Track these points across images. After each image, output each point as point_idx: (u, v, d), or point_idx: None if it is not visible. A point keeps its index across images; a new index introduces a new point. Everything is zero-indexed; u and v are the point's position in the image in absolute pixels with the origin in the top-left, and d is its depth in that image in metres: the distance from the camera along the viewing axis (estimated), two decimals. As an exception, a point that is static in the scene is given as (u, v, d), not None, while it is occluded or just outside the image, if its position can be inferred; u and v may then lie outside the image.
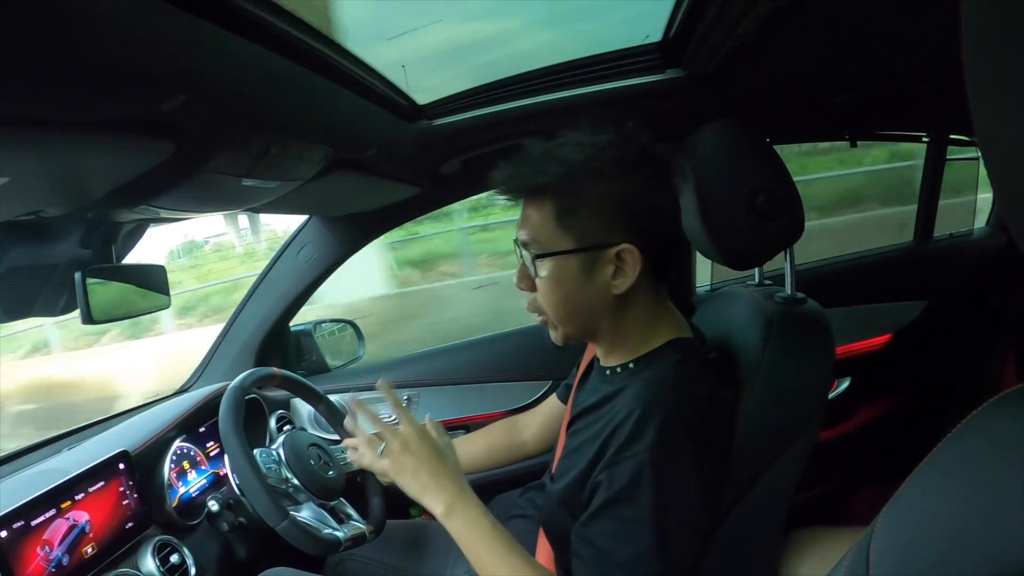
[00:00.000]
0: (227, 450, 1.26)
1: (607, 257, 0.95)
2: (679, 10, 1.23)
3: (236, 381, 1.34)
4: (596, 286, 0.97)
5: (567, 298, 0.99)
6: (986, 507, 0.45)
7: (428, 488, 1.02)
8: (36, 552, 1.06)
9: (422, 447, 1.04)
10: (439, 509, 1.01)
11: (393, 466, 1.05)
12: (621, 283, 0.96)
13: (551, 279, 0.98)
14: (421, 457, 1.03)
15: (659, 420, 0.90)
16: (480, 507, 1.01)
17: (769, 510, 1.08)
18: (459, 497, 1.01)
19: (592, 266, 0.96)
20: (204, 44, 0.71)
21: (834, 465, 2.04)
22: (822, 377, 1.12)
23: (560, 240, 0.97)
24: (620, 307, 1.00)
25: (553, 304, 1.00)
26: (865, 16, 1.16)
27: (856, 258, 2.25)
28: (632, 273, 0.95)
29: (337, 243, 1.82)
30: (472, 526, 1.00)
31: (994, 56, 0.36)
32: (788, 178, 1.11)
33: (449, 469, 1.03)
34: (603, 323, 1.02)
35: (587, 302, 0.99)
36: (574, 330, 1.03)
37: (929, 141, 2.11)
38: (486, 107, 1.50)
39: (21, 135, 0.62)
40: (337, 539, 1.27)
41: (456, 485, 1.02)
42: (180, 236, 8.79)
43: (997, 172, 0.38)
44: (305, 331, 2.01)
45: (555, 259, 0.97)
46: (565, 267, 0.97)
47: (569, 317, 1.01)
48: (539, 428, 1.48)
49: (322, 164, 1.19)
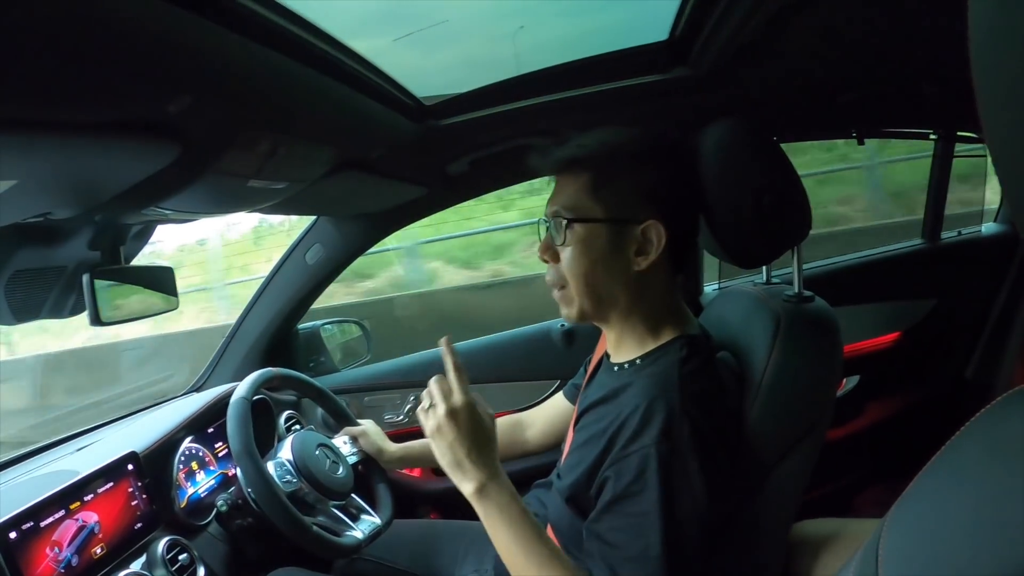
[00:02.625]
0: (242, 470, 1.27)
1: (634, 233, 1.00)
2: (685, 8, 1.23)
3: (237, 392, 1.33)
4: (621, 260, 1.01)
5: (592, 268, 1.02)
6: (996, 506, 0.44)
7: (463, 463, 0.99)
8: (45, 553, 1.06)
9: (468, 420, 0.99)
10: (470, 487, 0.99)
11: (434, 432, 1.01)
12: (643, 260, 1.00)
13: (580, 244, 1.02)
14: (463, 430, 0.99)
15: (664, 415, 0.91)
16: (512, 493, 0.99)
17: (778, 508, 1.08)
18: (493, 479, 0.98)
19: (619, 239, 1.01)
20: (210, 45, 0.71)
21: (842, 463, 2.03)
22: (830, 375, 1.12)
23: (594, 209, 1.01)
24: (638, 288, 1.03)
25: (577, 272, 1.03)
26: (872, 14, 1.16)
27: (864, 257, 2.25)
28: (655, 252, 1.00)
29: (345, 243, 1.82)
30: (503, 510, 0.97)
31: (1001, 53, 0.36)
32: (795, 176, 1.11)
33: (488, 449, 1.00)
34: (619, 301, 1.04)
35: (609, 275, 1.02)
36: (591, 304, 1.05)
37: (936, 139, 2.10)
38: (493, 107, 1.50)
39: (29, 138, 0.63)
40: (357, 541, 1.31)
41: (491, 466, 0.99)
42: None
43: (1005, 170, 0.38)
44: (312, 331, 2.01)
45: (586, 226, 1.01)
46: (594, 235, 1.01)
47: (590, 288, 1.03)
48: (543, 426, 1.48)
49: (329, 164, 1.19)
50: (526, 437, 1.50)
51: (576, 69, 1.47)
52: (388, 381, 1.97)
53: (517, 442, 1.50)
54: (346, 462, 1.43)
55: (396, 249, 5.81)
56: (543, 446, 1.49)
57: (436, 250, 6.17)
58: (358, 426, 1.55)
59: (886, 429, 2.13)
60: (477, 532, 1.46)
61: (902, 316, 2.15)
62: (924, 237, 2.26)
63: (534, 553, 0.95)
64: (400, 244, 5.78)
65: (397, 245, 5.79)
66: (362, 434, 1.52)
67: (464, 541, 1.44)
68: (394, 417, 1.90)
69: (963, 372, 2.22)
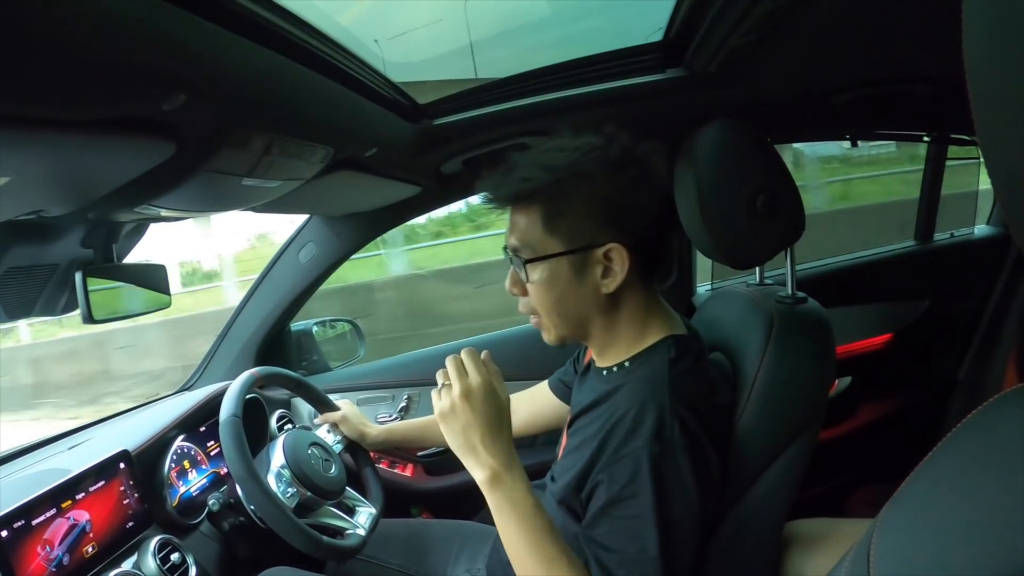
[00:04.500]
0: (246, 494, 1.27)
1: (596, 257, 0.97)
2: (680, 9, 1.23)
3: (227, 410, 1.29)
4: (587, 286, 0.99)
5: (560, 299, 1.00)
6: (987, 507, 0.45)
7: (476, 449, 0.95)
8: (37, 551, 1.06)
9: (484, 401, 0.96)
10: (483, 475, 0.95)
11: (445, 414, 0.97)
12: (610, 282, 0.98)
13: (543, 282, 1.00)
14: (478, 412, 0.95)
15: (655, 416, 0.91)
16: (527, 485, 0.95)
17: (770, 509, 1.08)
18: (507, 468, 0.95)
19: (582, 267, 0.98)
20: (204, 43, 0.71)
21: (834, 464, 2.04)
22: (823, 376, 1.12)
23: (549, 243, 0.98)
24: (611, 306, 1.01)
25: (547, 306, 1.01)
26: (866, 15, 1.16)
27: (857, 258, 2.25)
28: (621, 272, 0.97)
29: (338, 242, 1.82)
30: (515, 504, 0.94)
31: (995, 55, 0.36)
32: (789, 178, 1.11)
33: (504, 435, 0.97)
34: (596, 322, 1.03)
35: (579, 302, 1.00)
36: (568, 331, 1.04)
37: (930, 141, 2.11)
38: (487, 106, 1.50)
39: (22, 135, 0.62)
40: (362, 538, 1.33)
41: (506, 454, 0.95)
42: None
43: (998, 171, 0.38)
44: (305, 331, 2.01)
45: (546, 262, 0.99)
46: (556, 269, 0.98)
47: (563, 318, 1.02)
48: (526, 414, 1.48)
49: (323, 163, 1.19)
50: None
51: (571, 69, 1.47)
52: (381, 380, 1.97)
53: None
54: (337, 458, 1.43)
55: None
56: (524, 433, 1.50)
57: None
58: (337, 411, 1.54)
59: (878, 430, 2.14)
60: (469, 531, 1.47)
61: (894, 317, 2.15)
62: (917, 238, 2.27)
63: (543, 551, 0.92)
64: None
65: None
66: (342, 420, 1.52)
67: (456, 540, 1.44)
68: (387, 416, 1.90)
69: (955, 373, 2.23)
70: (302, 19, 0.92)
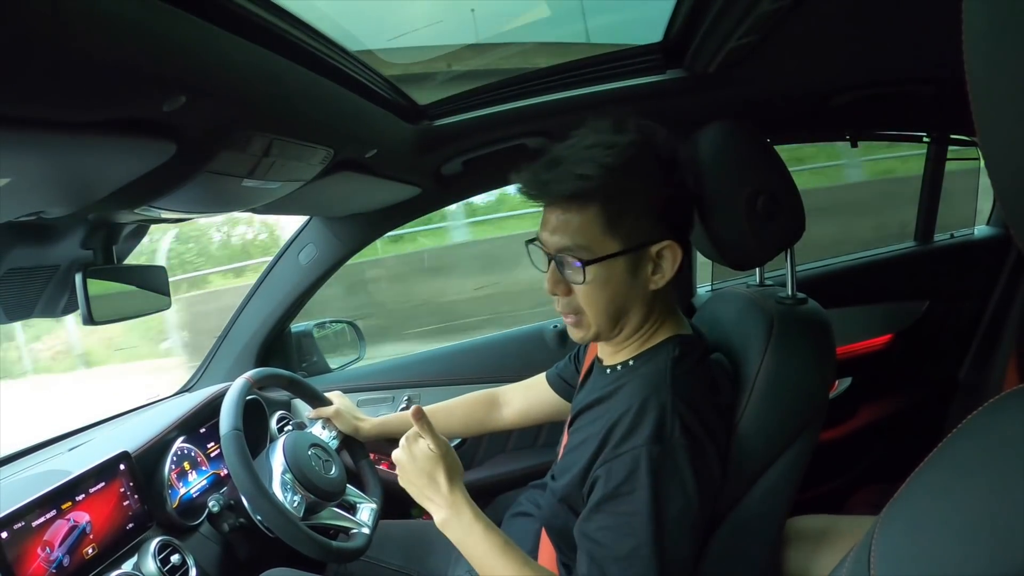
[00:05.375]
0: (253, 507, 1.27)
1: (649, 255, 0.97)
2: (680, 10, 1.23)
3: (227, 423, 1.28)
4: (638, 283, 0.98)
5: (612, 298, 0.99)
6: (988, 507, 0.45)
7: (424, 497, 1.05)
8: (37, 553, 1.06)
9: (416, 463, 1.05)
10: (436, 518, 1.04)
11: (398, 470, 1.08)
12: (659, 279, 0.98)
13: (598, 282, 0.97)
14: (416, 471, 1.05)
15: (656, 415, 0.91)
16: (473, 514, 1.03)
17: (770, 510, 1.08)
18: (451, 508, 1.03)
19: (636, 265, 0.97)
20: (204, 45, 0.71)
21: (835, 465, 2.04)
22: (823, 377, 1.12)
23: (608, 244, 0.95)
24: (653, 302, 1.02)
25: (598, 306, 0.99)
26: (866, 16, 1.16)
27: (857, 259, 2.25)
28: (671, 268, 0.97)
29: (338, 243, 1.82)
30: (468, 533, 1.01)
31: (995, 56, 0.36)
32: (789, 178, 1.11)
33: (440, 485, 1.04)
34: (632, 320, 1.02)
35: (628, 301, 1.00)
36: (607, 327, 1.02)
37: (929, 141, 2.11)
38: (487, 107, 1.50)
39: (23, 136, 0.62)
40: (368, 537, 1.35)
41: (447, 500, 1.03)
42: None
43: (998, 172, 0.39)
44: (306, 332, 2.01)
45: (603, 263, 0.96)
46: (613, 269, 0.96)
47: (608, 317, 1.00)
48: (520, 407, 1.49)
49: (323, 165, 1.19)
50: (502, 415, 1.51)
51: (570, 70, 1.47)
52: (381, 381, 1.97)
53: (493, 419, 1.52)
54: (336, 457, 1.43)
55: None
56: (517, 425, 1.52)
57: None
58: (329, 405, 1.53)
59: (879, 431, 2.14)
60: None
61: (895, 318, 2.15)
62: (917, 239, 2.27)
63: (506, 565, 0.99)
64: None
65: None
66: (335, 415, 1.51)
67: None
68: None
69: (955, 374, 2.23)
70: (302, 20, 0.92)
